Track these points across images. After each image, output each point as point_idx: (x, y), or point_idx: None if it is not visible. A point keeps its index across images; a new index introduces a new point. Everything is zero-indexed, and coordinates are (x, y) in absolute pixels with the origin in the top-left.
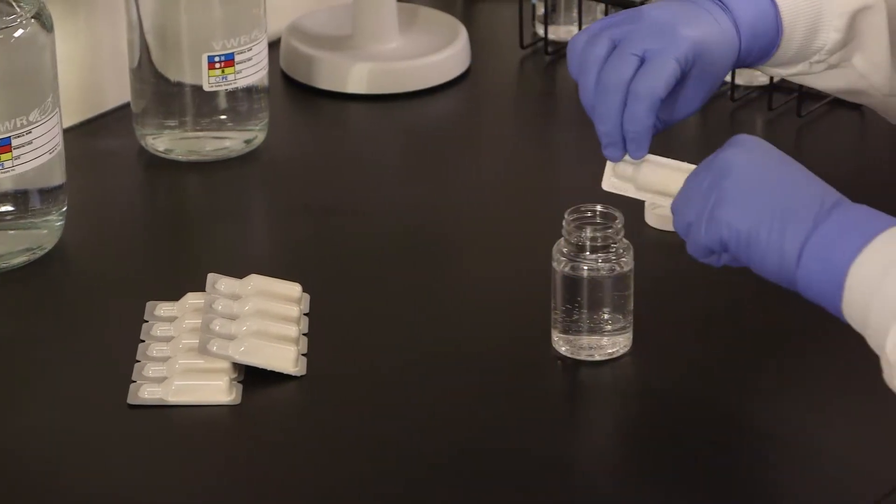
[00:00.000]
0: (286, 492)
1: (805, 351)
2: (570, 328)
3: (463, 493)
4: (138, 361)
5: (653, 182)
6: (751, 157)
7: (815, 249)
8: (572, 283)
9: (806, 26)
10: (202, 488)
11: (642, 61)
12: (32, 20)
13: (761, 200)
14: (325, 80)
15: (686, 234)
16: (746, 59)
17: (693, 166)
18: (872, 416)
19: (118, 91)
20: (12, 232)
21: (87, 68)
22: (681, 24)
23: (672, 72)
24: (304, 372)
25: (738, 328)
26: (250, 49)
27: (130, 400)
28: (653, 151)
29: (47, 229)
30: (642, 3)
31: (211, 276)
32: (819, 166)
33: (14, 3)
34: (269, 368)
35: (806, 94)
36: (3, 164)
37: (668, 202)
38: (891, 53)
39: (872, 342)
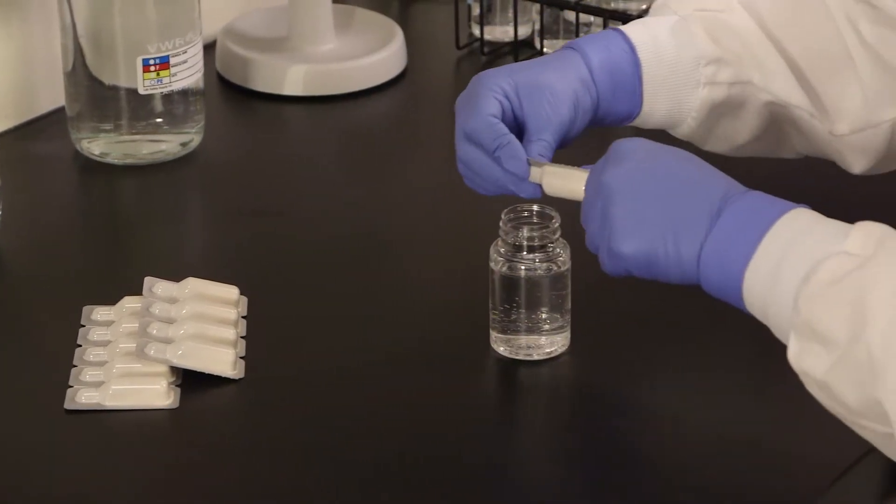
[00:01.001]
0: (225, 495)
1: (745, 348)
2: (508, 328)
3: (401, 495)
4: (75, 366)
5: (559, 189)
6: (632, 174)
7: (711, 257)
8: (510, 283)
9: (663, 39)
10: (141, 493)
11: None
12: None
13: (651, 220)
14: (261, 82)
15: (597, 254)
16: (615, 93)
17: (585, 172)
18: (815, 408)
19: (52, 95)
20: None
21: (20, 72)
22: (488, 77)
23: (490, 97)
24: (242, 375)
25: (676, 326)
26: (185, 52)
27: (67, 405)
28: None
29: None
30: (576, 4)
31: (148, 280)
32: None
33: None
34: (207, 372)
35: None
36: None
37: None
38: (784, 62)
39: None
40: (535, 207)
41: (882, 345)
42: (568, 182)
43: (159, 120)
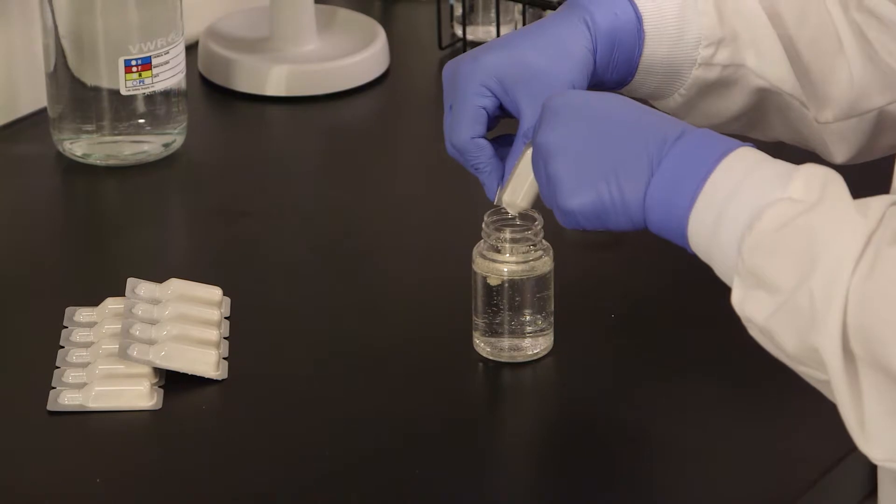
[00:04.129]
0: (208, 496)
1: (728, 350)
2: (491, 330)
3: (385, 495)
4: (58, 367)
5: (520, 199)
6: (566, 129)
7: (655, 203)
8: (492, 285)
9: (670, 12)
10: (124, 494)
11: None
12: None
13: (591, 172)
14: (244, 83)
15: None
16: (612, 57)
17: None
18: (794, 410)
19: (34, 96)
20: None
21: (1, 73)
22: (484, 51)
23: (471, 114)
24: (225, 376)
25: (660, 328)
26: (167, 52)
27: (50, 406)
28: None
29: None
30: (558, 4)
31: (130, 281)
32: None
33: None
34: (190, 373)
35: None
36: None
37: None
38: (781, 46)
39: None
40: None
41: (823, 292)
42: (520, 186)
43: (142, 121)
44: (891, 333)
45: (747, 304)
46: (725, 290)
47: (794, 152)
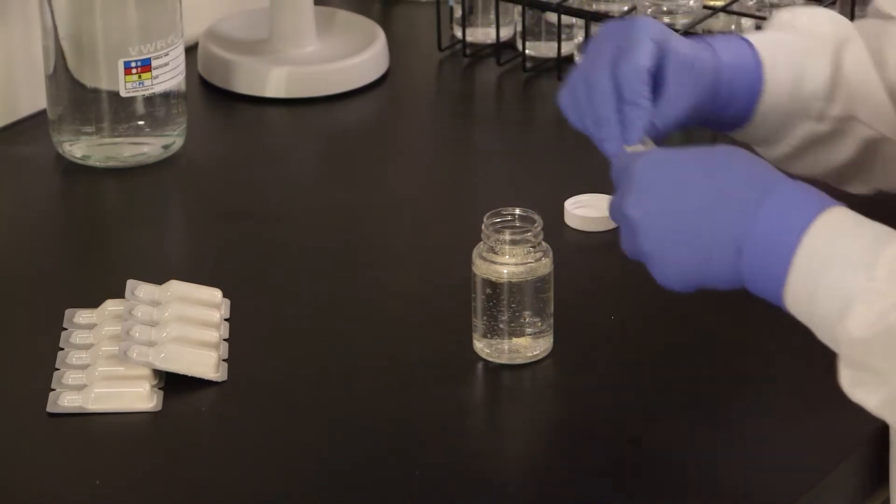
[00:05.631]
0: (207, 498)
1: (726, 352)
2: (491, 332)
3: (384, 498)
4: (57, 369)
5: None
6: (651, 202)
7: (750, 275)
8: (492, 286)
9: (790, 60)
10: (123, 496)
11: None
12: None
13: (681, 253)
14: (243, 85)
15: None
16: (733, 95)
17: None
18: (793, 412)
19: (34, 97)
20: None
21: (1, 75)
22: (649, 22)
23: (649, 47)
24: (225, 377)
25: (659, 330)
26: (167, 54)
27: (50, 408)
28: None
29: None
30: (558, 6)
31: (130, 283)
32: None
33: None
34: (189, 374)
35: None
36: None
37: None
38: (888, 97)
39: (822, 335)
40: (518, 211)
41: None
42: None
43: (141, 122)
44: None
45: (857, 392)
46: (726, 293)
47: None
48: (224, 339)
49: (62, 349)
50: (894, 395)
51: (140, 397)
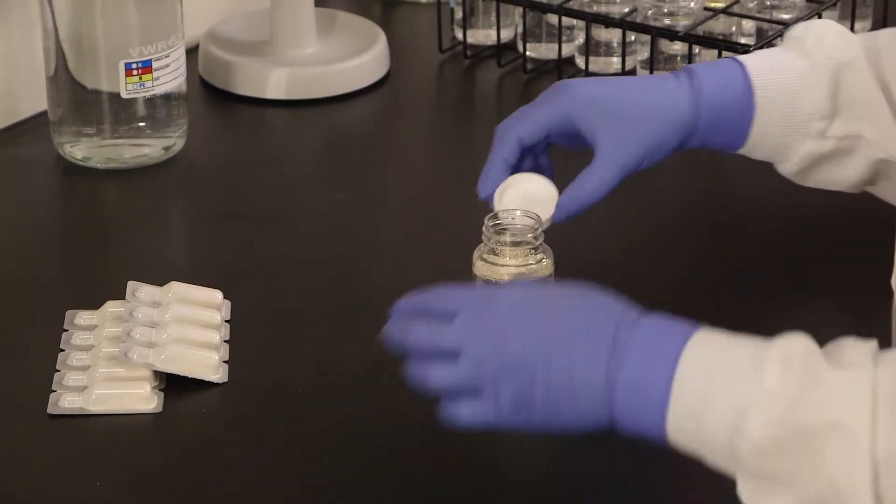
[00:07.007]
0: (208, 499)
1: None
2: None
3: (383, 498)
4: (58, 371)
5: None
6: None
7: (625, 421)
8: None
9: (784, 85)
10: (124, 497)
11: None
12: None
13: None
14: (244, 86)
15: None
16: (719, 127)
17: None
18: None
19: (34, 99)
20: None
21: (1, 76)
22: (590, 82)
23: (541, 119)
24: (225, 379)
25: None
26: (168, 55)
27: (50, 410)
28: None
29: None
30: (559, 7)
31: (131, 284)
32: None
33: None
34: (190, 376)
35: None
36: None
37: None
38: (895, 119)
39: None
40: (518, 212)
41: (845, 478)
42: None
43: (142, 124)
44: None
45: (761, 500)
46: (724, 296)
47: None
48: (224, 341)
49: (63, 350)
50: (801, 497)
51: (140, 399)
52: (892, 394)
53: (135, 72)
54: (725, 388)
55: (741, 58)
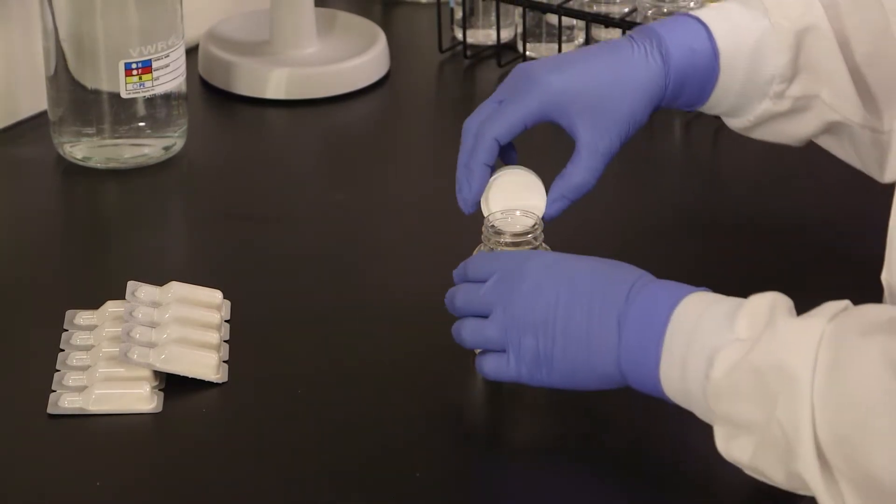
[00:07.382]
0: (208, 499)
1: None
2: None
3: (383, 498)
4: (58, 371)
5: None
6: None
7: (628, 373)
8: None
9: (747, 47)
10: (124, 497)
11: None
12: None
13: (560, 356)
14: (244, 86)
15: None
16: (684, 89)
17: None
18: None
19: (34, 99)
20: None
21: (1, 76)
22: (556, 70)
23: (516, 117)
24: (225, 379)
25: None
26: (168, 55)
27: (50, 410)
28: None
29: None
30: (559, 7)
31: (131, 284)
32: None
33: None
34: (190, 376)
35: None
36: None
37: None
38: (851, 80)
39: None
40: (518, 211)
41: (789, 417)
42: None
43: (142, 124)
44: (863, 436)
45: (731, 449)
46: (729, 292)
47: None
48: (224, 341)
49: (62, 350)
50: (762, 442)
51: (140, 398)
52: (834, 339)
53: (135, 72)
54: (702, 340)
55: (703, 17)
